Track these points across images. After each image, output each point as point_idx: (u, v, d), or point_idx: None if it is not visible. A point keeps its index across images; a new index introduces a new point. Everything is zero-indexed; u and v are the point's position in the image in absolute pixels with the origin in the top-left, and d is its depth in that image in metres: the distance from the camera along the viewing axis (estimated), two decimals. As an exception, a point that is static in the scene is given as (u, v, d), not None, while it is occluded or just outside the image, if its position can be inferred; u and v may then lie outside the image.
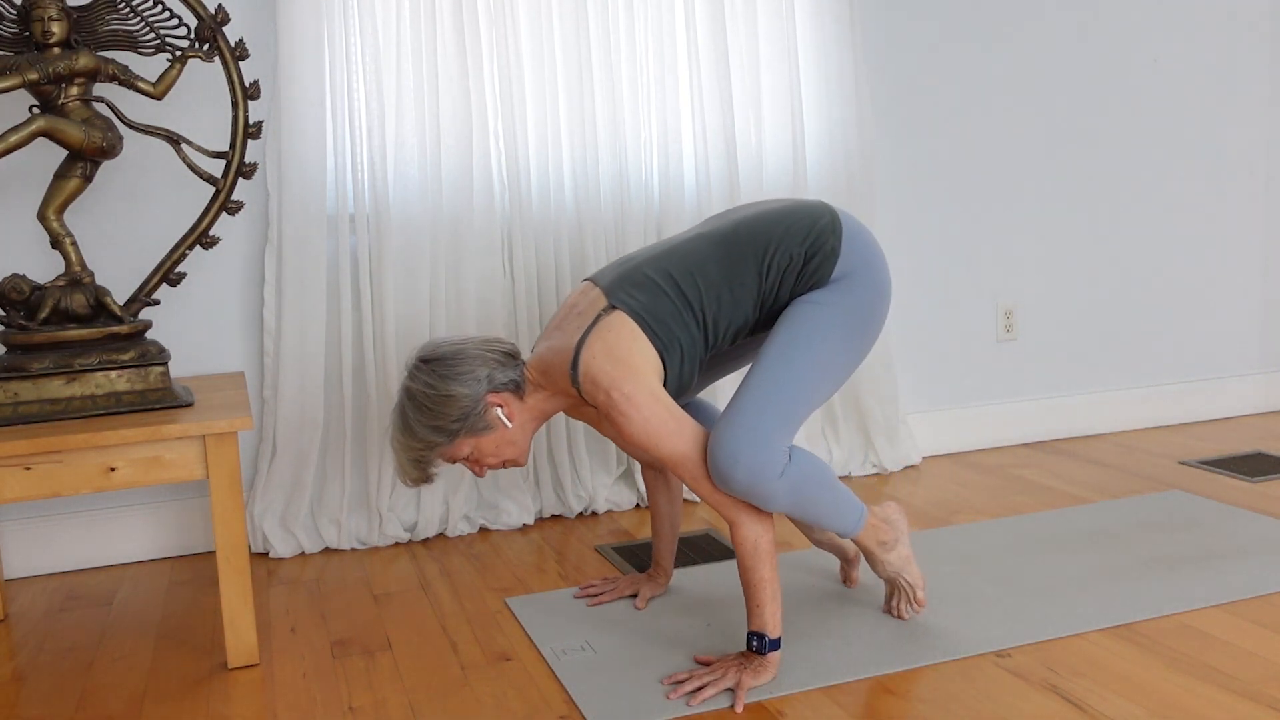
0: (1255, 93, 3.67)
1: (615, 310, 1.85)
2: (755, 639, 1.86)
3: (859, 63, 3.05)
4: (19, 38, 2.14)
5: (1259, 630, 2.00)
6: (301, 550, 2.71)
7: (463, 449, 1.91)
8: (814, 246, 1.87)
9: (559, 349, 1.89)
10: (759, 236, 1.89)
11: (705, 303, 1.87)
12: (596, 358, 1.82)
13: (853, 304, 1.88)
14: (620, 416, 1.80)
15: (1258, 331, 3.79)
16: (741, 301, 1.88)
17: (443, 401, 1.86)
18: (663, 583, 2.29)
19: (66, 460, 1.95)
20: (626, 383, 1.79)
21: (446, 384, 1.87)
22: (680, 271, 1.88)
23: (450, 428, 1.87)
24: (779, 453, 1.80)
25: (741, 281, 1.87)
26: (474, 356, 1.90)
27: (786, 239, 1.88)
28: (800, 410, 1.84)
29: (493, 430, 1.91)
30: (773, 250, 1.87)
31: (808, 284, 1.89)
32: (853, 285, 1.88)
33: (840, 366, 1.88)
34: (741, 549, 1.84)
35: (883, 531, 2.02)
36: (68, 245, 2.17)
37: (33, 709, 1.92)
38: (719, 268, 1.88)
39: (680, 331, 1.86)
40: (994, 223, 3.41)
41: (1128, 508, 2.75)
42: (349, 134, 2.67)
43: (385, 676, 1.99)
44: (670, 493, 2.27)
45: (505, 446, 1.94)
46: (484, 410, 1.89)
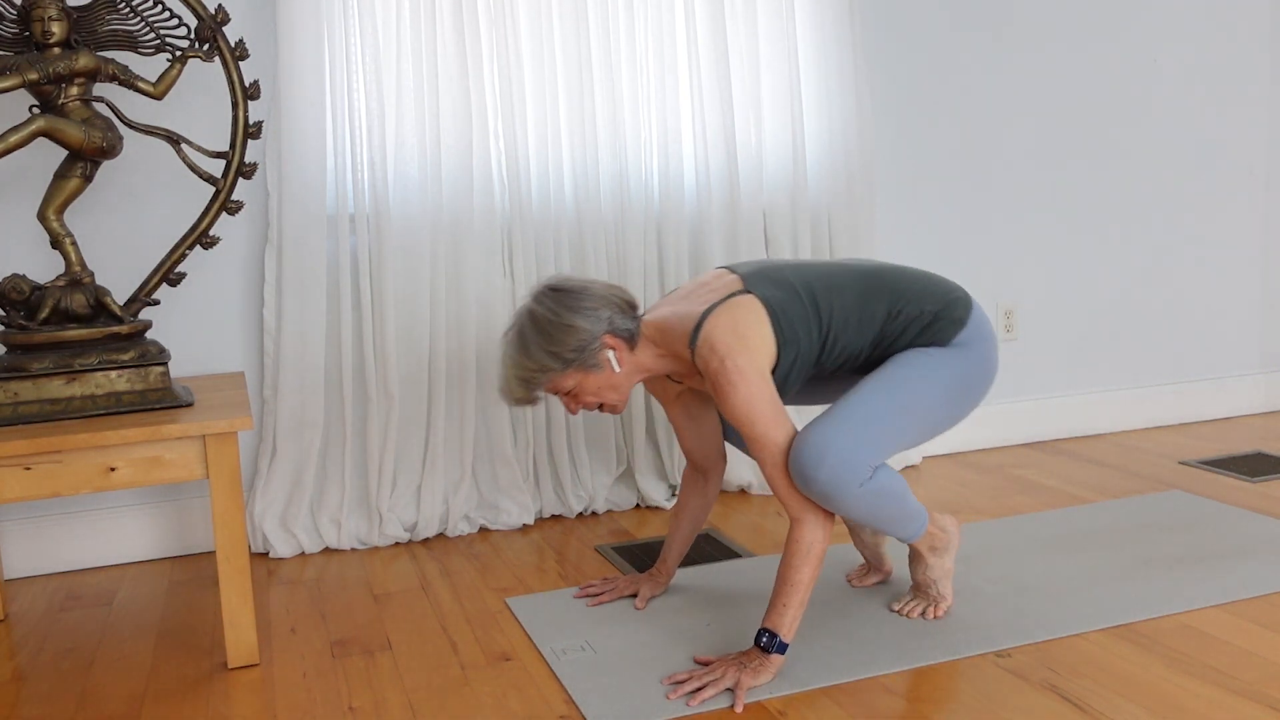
0: (1255, 93, 3.67)
1: (749, 294, 1.92)
2: (766, 635, 1.86)
3: (859, 62, 3.05)
4: (19, 38, 2.14)
5: (1259, 630, 2.00)
6: (301, 550, 2.71)
7: (568, 381, 1.96)
8: (944, 311, 1.97)
9: (683, 314, 1.95)
10: (898, 284, 1.99)
11: (833, 319, 1.95)
12: (720, 327, 1.88)
13: (963, 369, 1.96)
14: (728, 385, 1.85)
15: (1258, 331, 3.79)
16: (864, 333, 1.96)
17: (564, 330, 1.91)
18: (663, 582, 2.29)
19: (66, 460, 1.95)
20: (741, 356, 1.85)
21: (570, 314, 1.92)
22: (818, 284, 1.97)
23: (566, 356, 1.92)
24: (864, 466, 1.84)
25: (871, 315, 1.96)
26: (600, 296, 1.96)
27: (922, 296, 1.98)
28: (891, 438, 1.90)
29: (600, 370, 1.95)
30: (907, 299, 1.97)
31: (927, 340, 1.97)
32: (967, 353, 1.97)
33: (935, 416, 1.95)
34: (794, 547, 1.86)
35: (937, 539, 2.09)
36: (68, 245, 2.17)
37: (33, 709, 1.92)
38: (854, 296, 1.96)
39: (803, 334, 1.93)
40: (994, 223, 3.41)
41: (1128, 508, 2.75)
42: (349, 134, 2.67)
43: (385, 676, 1.99)
44: (705, 497, 2.29)
45: (607, 390, 1.98)
46: (599, 349, 1.93)
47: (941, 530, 2.10)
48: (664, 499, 2.98)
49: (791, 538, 1.87)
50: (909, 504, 1.97)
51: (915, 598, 2.14)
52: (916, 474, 3.19)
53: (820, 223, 3.09)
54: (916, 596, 2.14)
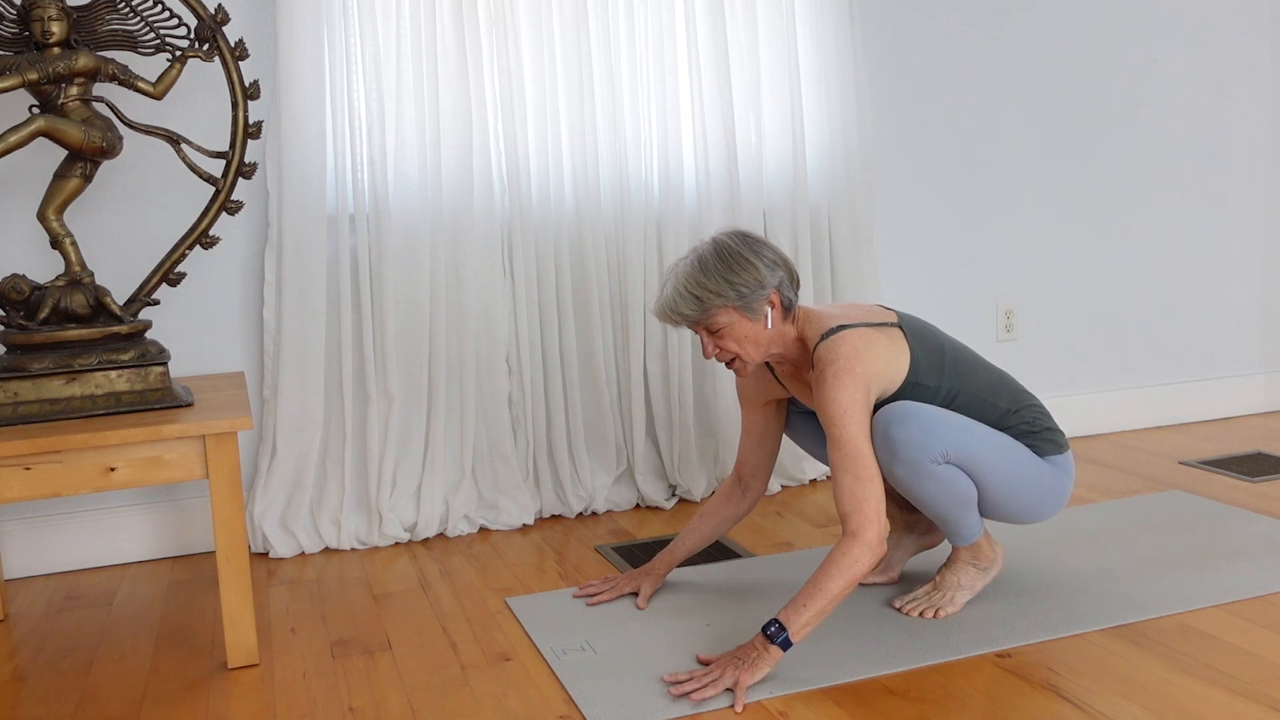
0: (1255, 93, 3.67)
1: (898, 328, 2.04)
2: (775, 626, 1.85)
3: (859, 63, 3.05)
4: (19, 38, 2.14)
5: (1259, 630, 2.00)
6: (301, 550, 2.71)
7: (726, 316, 1.99)
8: (1051, 432, 2.12)
9: (834, 315, 2.04)
10: (1021, 394, 2.13)
11: (962, 385, 2.06)
12: (853, 336, 1.97)
13: (1048, 477, 2.08)
14: (836, 381, 1.92)
15: (1258, 331, 3.79)
16: (981, 413, 2.08)
17: (745, 265, 1.97)
18: (662, 574, 2.29)
19: (66, 460, 1.95)
20: (859, 365, 1.94)
21: (755, 255, 1.99)
22: (962, 353, 2.10)
23: (739, 289, 1.96)
24: (938, 448, 1.95)
25: (994, 405, 2.08)
26: (779, 256, 2.03)
27: (1037, 409, 2.13)
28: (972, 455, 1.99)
29: (755, 320, 2.00)
30: (1026, 406, 2.11)
31: (1029, 444, 2.09)
32: (1055, 471, 2.10)
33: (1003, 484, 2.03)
34: (839, 558, 1.86)
35: (983, 554, 2.15)
36: (68, 245, 2.17)
37: (33, 709, 1.92)
38: (985, 383, 2.09)
39: (931, 382, 2.03)
40: (994, 223, 3.41)
41: (1128, 508, 2.75)
42: (349, 134, 2.67)
43: (385, 676, 1.99)
44: (737, 508, 2.31)
45: (750, 343, 2.02)
46: (764, 298, 1.99)
47: (991, 549, 2.15)
48: (664, 499, 2.98)
49: (839, 549, 1.87)
50: (969, 511, 2.05)
51: (924, 597, 2.14)
52: (916, 474, 3.19)
53: (820, 223, 3.09)
54: (926, 596, 2.14)
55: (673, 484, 3.03)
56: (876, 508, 1.88)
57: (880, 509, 1.88)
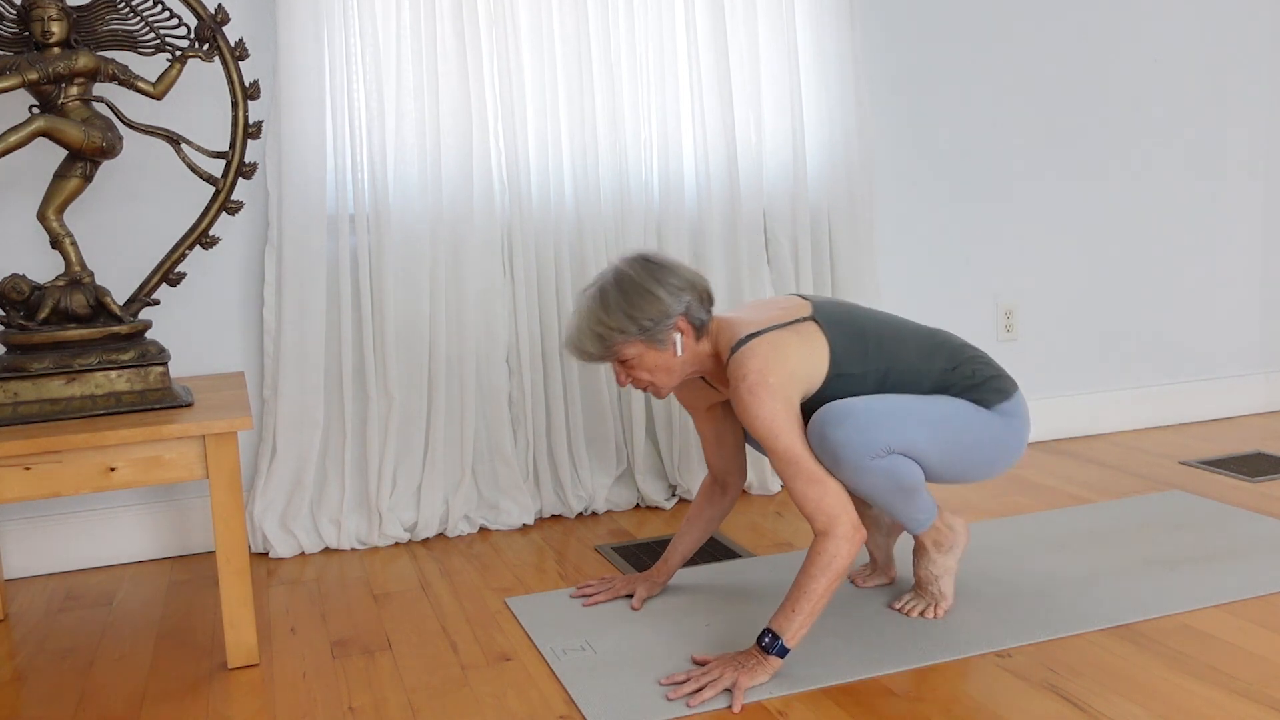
0: (1255, 93, 3.67)
1: (813, 321, 1.97)
2: (769, 636, 1.85)
3: (859, 63, 3.05)
4: (19, 38, 2.14)
5: (1259, 630, 2.00)
6: (301, 550, 2.71)
7: (633, 349, 1.96)
8: (996, 380, 2.04)
9: (745, 321, 1.98)
10: (959, 347, 2.06)
11: (892, 361, 1.99)
12: (764, 344, 1.91)
13: (996, 431, 2.01)
14: (753, 397, 1.87)
15: (1258, 331, 3.79)
16: (920, 379, 2.01)
17: (646, 297, 1.93)
18: (661, 582, 2.29)
19: (66, 460, 1.95)
20: (773, 375, 1.88)
21: (657, 284, 1.94)
22: (886, 328, 2.02)
23: (642, 323, 1.93)
24: (878, 443, 1.88)
25: (929, 367, 2.01)
26: (686, 279, 1.98)
27: (977, 361, 2.05)
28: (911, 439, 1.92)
29: (664, 349, 1.97)
30: (965, 360, 2.04)
31: (974, 398, 2.02)
32: (1004, 421, 2.02)
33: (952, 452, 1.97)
34: (816, 559, 1.85)
35: (944, 535, 2.10)
36: (68, 245, 2.17)
37: (33, 709, 1.92)
38: (916, 348, 2.02)
39: (856, 371, 1.97)
40: (994, 223, 3.41)
41: (1128, 508, 2.75)
42: (349, 134, 2.67)
43: (385, 676, 1.99)
44: (719, 508, 2.30)
45: (661, 371, 1.99)
46: (670, 327, 1.95)
47: (949, 528, 2.11)
48: (664, 499, 2.98)
49: (815, 548, 1.86)
50: (919, 496, 2.00)
51: (916, 596, 2.14)
52: (916, 474, 3.19)
53: (820, 223, 3.09)
54: (917, 595, 2.14)
55: (673, 484, 3.03)
56: (838, 501, 1.87)
57: (842, 500, 1.87)
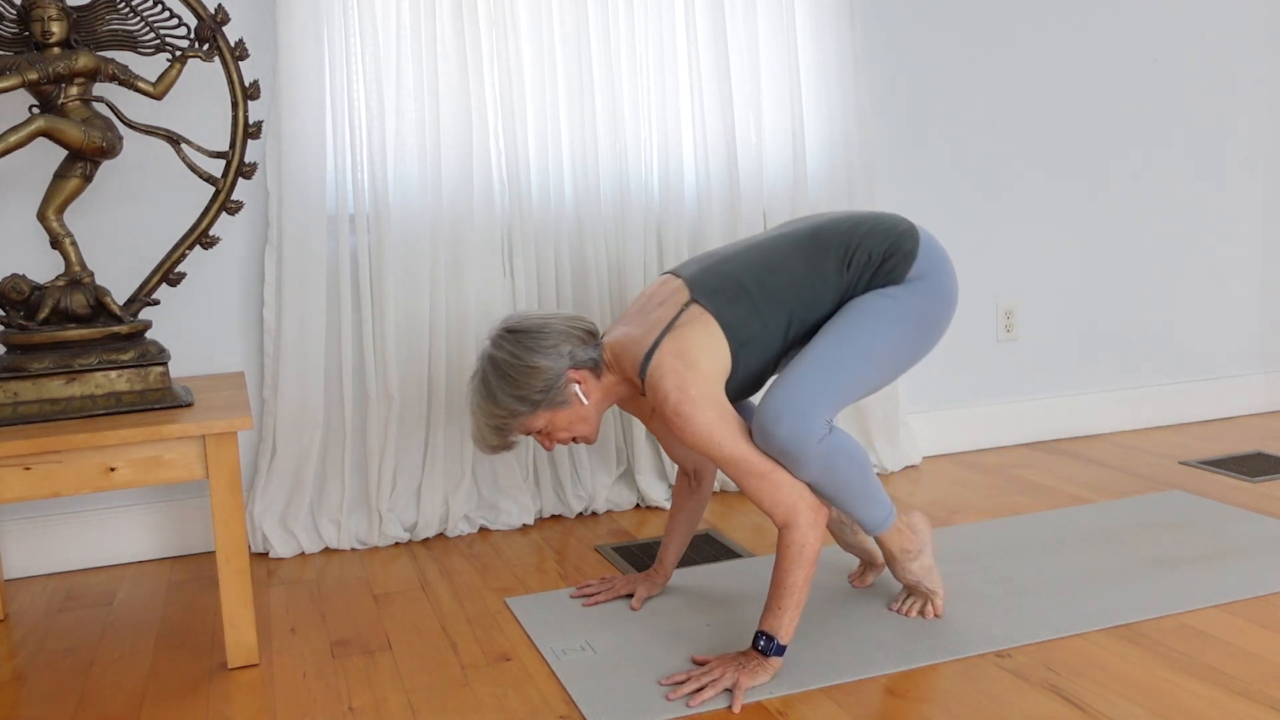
0: (1255, 93, 3.67)
1: (695, 305, 1.91)
2: (763, 639, 1.85)
3: (859, 63, 3.05)
4: (19, 38, 2.14)
5: (1259, 630, 2.00)
6: (301, 550, 2.71)
7: (538, 421, 1.95)
8: (893, 247, 1.94)
9: (637, 339, 1.93)
10: (841, 235, 1.96)
11: (786, 299, 1.92)
12: (668, 356, 1.86)
13: (921, 303, 1.94)
14: (680, 418, 1.84)
15: (1258, 331, 3.79)
16: (822, 297, 1.94)
17: (527, 372, 1.91)
18: (660, 583, 2.29)
19: (66, 460, 1.95)
20: (692, 385, 1.84)
21: (532, 355, 1.91)
22: (764, 268, 1.94)
23: (533, 398, 1.91)
24: (820, 422, 1.84)
25: (823, 277, 1.93)
26: (559, 332, 1.95)
27: (868, 238, 1.95)
28: (849, 389, 1.88)
29: (569, 406, 1.95)
30: (854, 248, 1.94)
31: (883, 280, 1.94)
32: (924, 287, 1.95)
33: (896, 359, 1.93)
34: (786, 551, 1.85)
35: (907, 539, 2.06)
36: (68, 245, 2.17)
37: (33, 709, 1.92)
38: (801, 264, 1.94)
39: (757, 330, 1.91)
40: (994, 223, 3.41)
41: (1128, 508, 2.75)
42: (349, 134, 2.67)
43: (385, 676, 1.99)
44: (697, 498, 2.28)
45: (578, 423, 1.97)
46: (564, 385, 1.93)
47: (911, 530, 2.07)
48: (664, 499, 2.98)
49: (783, 542, 1.86)
50: (871, 481, 1.94)
51: (910, 596, 2.14)
52: (917, 474, 3.19)
53: (820, 223, 3.09)
54: (911, 595, 2.14)
55: (673, 484, 3.02)
56: (792, 490, 1.85)
57: (796, 487, 1.85)
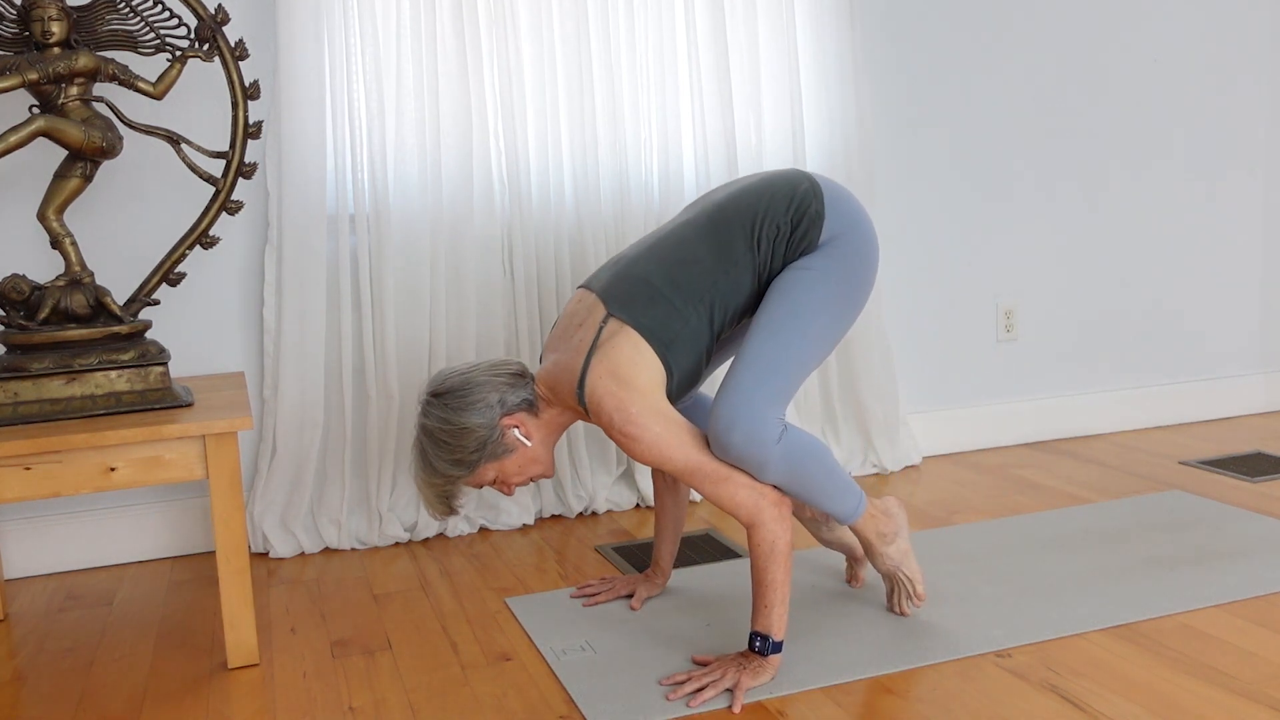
0: (1255, 93, 3.67)
1: (613, 319, 1.87)
2: (758, 639, 1.86)
3: (859, 63, 3.05)
4: (19, 38, 2.14)
5: (1259, 630, 2.00)
6: (301, 550, 2.71)
7: (487, 474, 1.94)
8: (798, 213, 1.89)
9: (566, 366, 1.90)
10: (744, 212, 1.90)
11: (703, 290, 1.87)
12: (601, 379, 1.83)
13: (841, 267, 1.89)
14: (627, 439, 1.82)
15: (1258, 331, 3.79)
16: (740, 281, 1.89)
17: (459, 434, 1.88)
18: (660, 583, 2.29)
19: (66, 460, 1.95)
20: (632, 405, 1.81)
21: (460, 415, 1.88)
22: (674, 264, 1.89)
23: (470, 459, 1.90)
24: (773, 420, 1.82)
25: (735, 261, 1.88)
26: (483, 384, 1.91)
27: (771, 210, 1.89)
28: (793, 377, 1.86)
29: (513, 452, 1.93)
30: (759, 223, 1.89)
31: (798, 250, 1.90)
32: (841, 247, 1.90)
33: (832, 331, 1.90)
34: (758, 550, 1.85)
35: (882, 523, 2.04)
36: (68, 245, 2.17)
37: (33, 709, 1.92)
38: (711, 253, 1.89)
39: (680, 328, 1.86)
40: (994, 223, 3.41)
41: (1128, 508, 2.75)
42: (349, 134, 2.67)
43: (385, 676, 1.99)
44: (678, 496, 2.28)
45: (529, 465, 1.96)
46: (501, 435, 1.90)
47: (884, 514, 2.04)
48: (664, 499, 2.98)
49: (753, 542, 1.85)
50: (836, 473, 1.91)
51: (892, 590, 2.11)
52: (916, 474, 3.19)
53: (820, 223, 3.09)
54: (893, 588, 2.11)
55: (673, 484, 3.03)
56: (750, 490, 1.84)
57: (754, 486, 1.84)
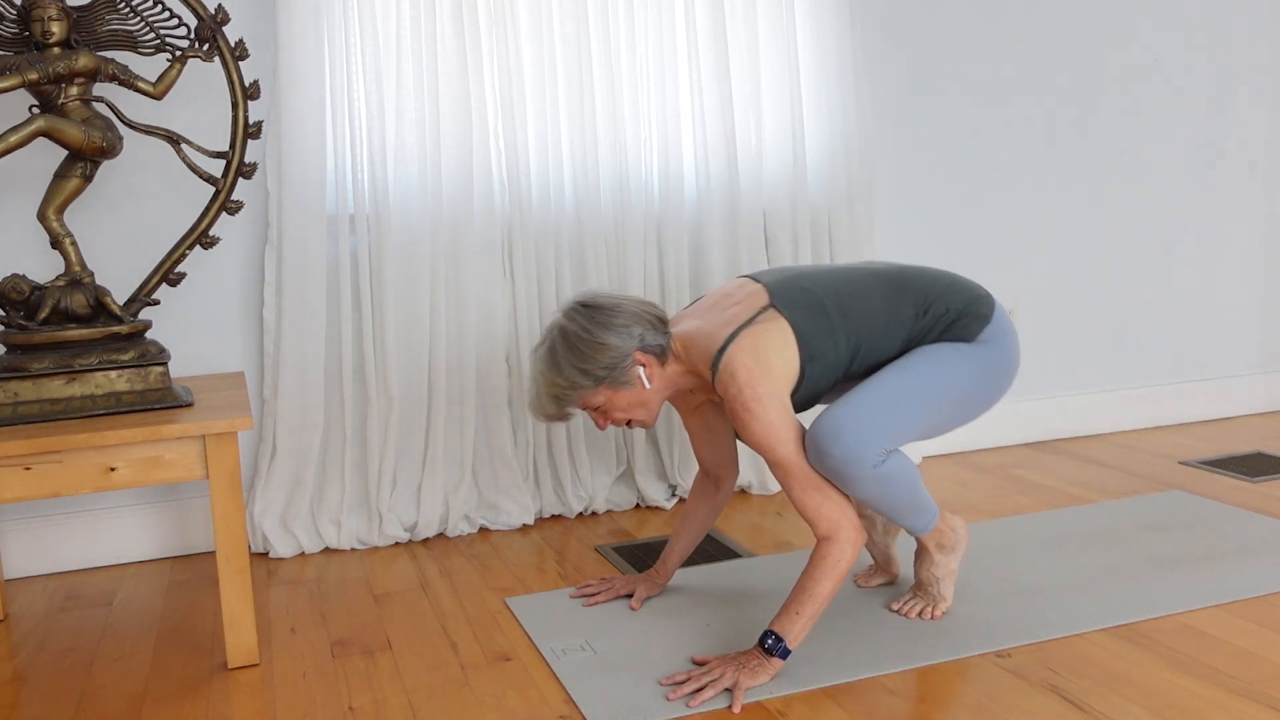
0: (1255, 92, 3.67)
1: (773, 309, 1.93)
2: (772, 637, 1.86)
3: (859, 63, 3.05)
4: (19, 38, 2.14)
5: (1259, 630, 2.00)
6: (301, 550, 2.71)
7: (598, 397, 1.96)
8: (970, 307, 2.00)
9: (709, 333, 1.95)
10: (925, 284, 2.02)
11: (860, 328, 1.96)
12: (743, 351, 1.88)
13: (985, 364, 1.98)
14: (747, 413, 1.86)
15: (1258, 331, 3.79)
16: (892, 338, 1.98)
17: (595, 348, 1.92)
18: (660, 583, 2.29)
19: (66, 460, 1.95)
20: (762, 383, 1.86)
21: (602, 331, 1.92)
22: (845, 294, 1.98)
23: (596, 374, 1.92)
24: (877, 448, 1.87)
25: (898, 317, 1.98)
26: (631, 312, 1.96)
27: (948, 293, 2.01)
28: (906, 425, 1.92)
29: (631, 387, 1.96)
30: (934, 298, 2.00)
31: (953, 336, 1.99)
32: (991, 350, 1.99)
33: (954, 409, 1.98)
34: (821, 560, 1.86)
35: (945, 536, 2.10)
36: (68, 245, 2.17)
37: (33, 709, 1.92)
38: (882, 301, 1.98)
39: (828, 349, 1.94)
40: (994, 223, 3.41)
41: (1128, 508, 2.75)
42: (349, 134, 2.67)
43: (385, 676, 1.99)
44: (714, 504, 2.29)
45: (637, 407, 1.98)
46: (630, 366, 1.94)
47: (950, 529, 2.11)
48: (664, 499, 2.98)
49: (819, 551, 1.87)
50: (920, 495, 1.99)
51: (915, 596, 2.15)
52: (916, 474, 3.19)
53: (820, 223, 3.09)
54: (916, 595, 2.14)
55: (673, 484, 3.02)
56: (839, 506, 1.87)
57: (844, 505, 1.88)
